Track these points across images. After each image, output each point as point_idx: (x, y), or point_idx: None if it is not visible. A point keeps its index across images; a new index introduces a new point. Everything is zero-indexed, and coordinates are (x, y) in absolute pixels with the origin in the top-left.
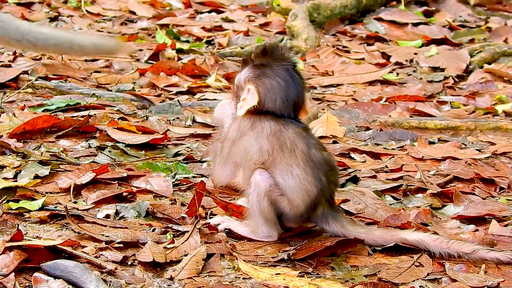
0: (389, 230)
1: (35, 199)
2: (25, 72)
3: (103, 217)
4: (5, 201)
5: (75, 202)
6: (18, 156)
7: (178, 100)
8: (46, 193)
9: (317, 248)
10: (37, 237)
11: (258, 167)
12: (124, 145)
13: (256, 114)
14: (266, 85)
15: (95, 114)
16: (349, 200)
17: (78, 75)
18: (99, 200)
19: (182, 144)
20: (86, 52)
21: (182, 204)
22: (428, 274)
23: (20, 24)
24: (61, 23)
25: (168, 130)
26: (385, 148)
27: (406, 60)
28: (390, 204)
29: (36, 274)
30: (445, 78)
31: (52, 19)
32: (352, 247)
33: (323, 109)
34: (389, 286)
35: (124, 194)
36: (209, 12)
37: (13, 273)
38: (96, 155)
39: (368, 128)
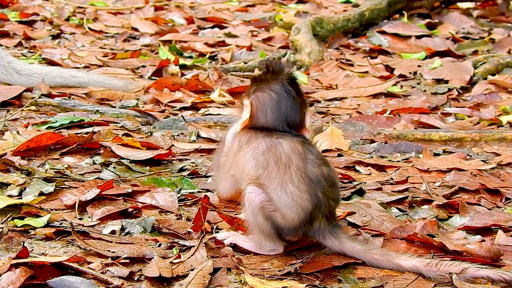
0: (387, 253)
1: (40, 216)
2: (28, 90)
3: (109, 233)
4: (10, 219)
5: (80, 219)
6: (22, 174)
7: (182, 116)
8: (51, 210)
9: (324, 265)
10: (43, 253)
11: (251, 183)
12: (128, 161)
13: (253, 129)
14: (259, 99)
15: (99, 131)
16: (355, 213)
17: (80, 92)
18: (105, 216)
19: (186, 159)
20: None
21: (188, 219)
22: (435, 285)
23: None
24: (63, 41)
25: (173, 145)
26: (390, 161)
27: (410, 73)
28: (396, 216)
29: None
30: (449, 90)
31: (55, 37)
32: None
33: (327, 123)
34: None
35: (130, 209)
36: (212, 27)
37: None
38: (100, 172)
39: (373, 141)
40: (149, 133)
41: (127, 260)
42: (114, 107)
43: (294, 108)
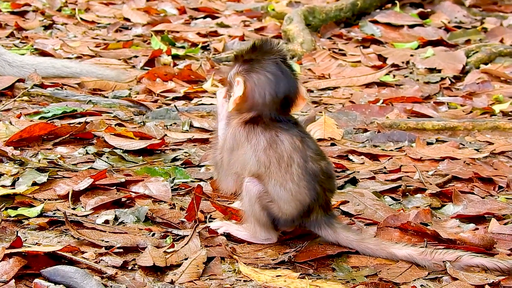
0: (381, 242)
1: (34, 206)
2: (21, 80)
3: (102, 223)
4: (3, 209)
5: (73, 209)
6: (15, 164)
7: (175, 106)
8: (45, 200)
9: (318, 254)
10: (36, 243)
11: (251, 175)
12: (121, 151)
13: (250, 123)
14: (254, 80)
15: (91, 121)
16: (348, 202)
17: (73, 82)
18: (98, 206)
19: (179, 149)
20: None
21: (181, 209)
22: (429, 273)
23: None
24: (55, 31)
25: (166, 135)
26: (383, 150)
27: (403, 62)
28: (390, 205)
29: (36, 280)
30: (442, 79)
31: (47, 27)
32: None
33: (320, 112)
34: (390, 286)
35: (123, 199)
36: (204, 17)
37: (13, 280)
38: (93, 162)
39: (366, 130)
40: (142, 123)
41: (121, 250)
42: (107, 97)
43: (293, 88)
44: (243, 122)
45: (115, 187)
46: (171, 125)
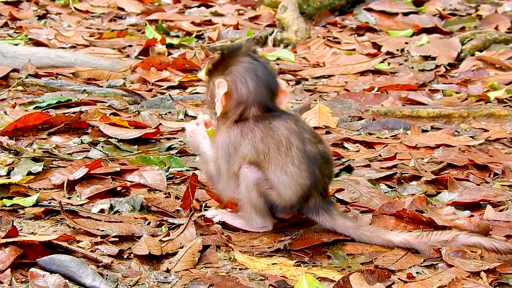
0: (377, 229)
1: (29, 196)
2: (15, 70)
3: (98, 212)
4: None
5: (69, 198)
6: (10, 154)
7: (169, 95)
8: (40, 189)
9: (314, 242)
10: (32, 233)
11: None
12: (116, 140)
13: (240, 120)
14: (233, 73)
15: (86, 110)
16: (343, 189)
17: (67, 72)
18: (93, 195)
19: (174, 138)
20: None
21: (177, 197)
22: (424, 260)
23: None
24: (49, 21)
25: (160, 124)
26: (378, 137)
27: (397, 50)
28: (385, 193)
29: (32, 269)
30: (437, 66)
31: (41, 17)
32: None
33: (315, 100)
34: (386, 273)
35: (118, 188)
36: (198, 6)
37: (9, 269)
38: (88, 151)
39: (360, 118)
40: (137, 112)
41: (116, 239)
42: (101, 86)
43: (270, 73)
44: (232, 122)
45: (110, 176)
46: (166, 114)
